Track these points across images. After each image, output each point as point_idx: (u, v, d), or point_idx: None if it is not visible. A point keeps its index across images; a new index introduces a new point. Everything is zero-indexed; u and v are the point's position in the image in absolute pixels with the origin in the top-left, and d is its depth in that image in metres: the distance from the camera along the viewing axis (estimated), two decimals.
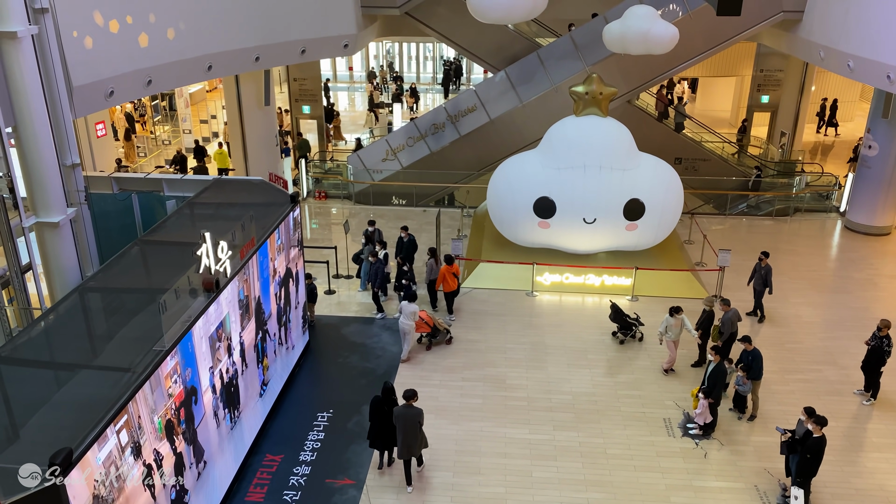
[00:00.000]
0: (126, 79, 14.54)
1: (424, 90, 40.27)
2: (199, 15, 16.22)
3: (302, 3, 18.50)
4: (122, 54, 14.32)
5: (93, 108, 13.89)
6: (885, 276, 18.09)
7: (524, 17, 18.92)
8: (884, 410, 12.83)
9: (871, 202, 20.50)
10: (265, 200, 13.81)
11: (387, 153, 22.99)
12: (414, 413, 10.78)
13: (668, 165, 17.61)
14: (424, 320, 14.47)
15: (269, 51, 18.32)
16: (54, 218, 10.90)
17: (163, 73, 15.58)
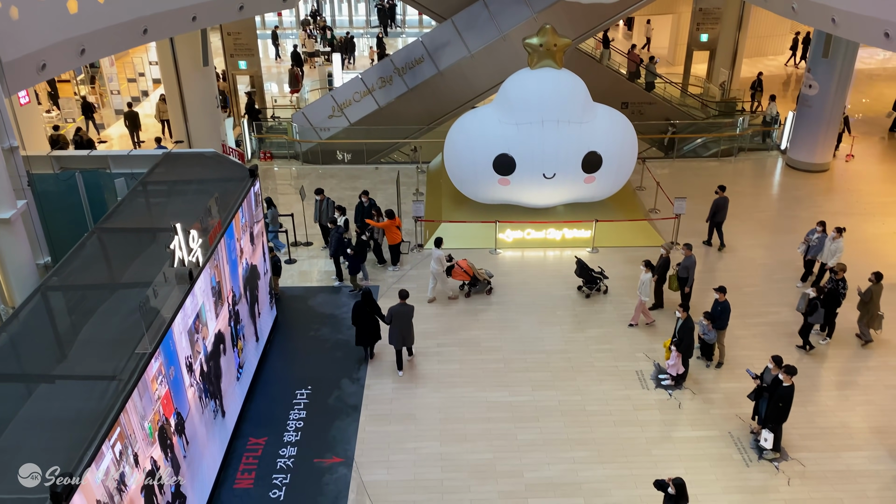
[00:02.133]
0: (58, 49, 13.47)
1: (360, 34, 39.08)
2: None
3: None
4: (51, 23, 13.22)
5: (25, 83, 12.86)
6: (829, 214, 18.78)
7: None
8: (839, 349, 13.54)
9: (811, 140, 21.15)
10: (222, 175, 13.23)
11: (333, 109, 22.29)
12: (408, 309, 12.78)
13: (622, 115, 17.68)
14: (464, 269, 14.92)
15: (205, 9, 17.24)
16: (4, 214, 10.17)
17: (96, 40, 14.49)
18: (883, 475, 10.68)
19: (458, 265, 15.10)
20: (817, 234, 15.19)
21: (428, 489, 10.54)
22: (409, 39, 38.39)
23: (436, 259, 14.85)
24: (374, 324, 13.05)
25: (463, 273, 15.08)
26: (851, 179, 20.94)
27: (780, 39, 33.87)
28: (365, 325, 13.00)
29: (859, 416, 11.88)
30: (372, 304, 13.00)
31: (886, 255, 16.77)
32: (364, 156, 22.39)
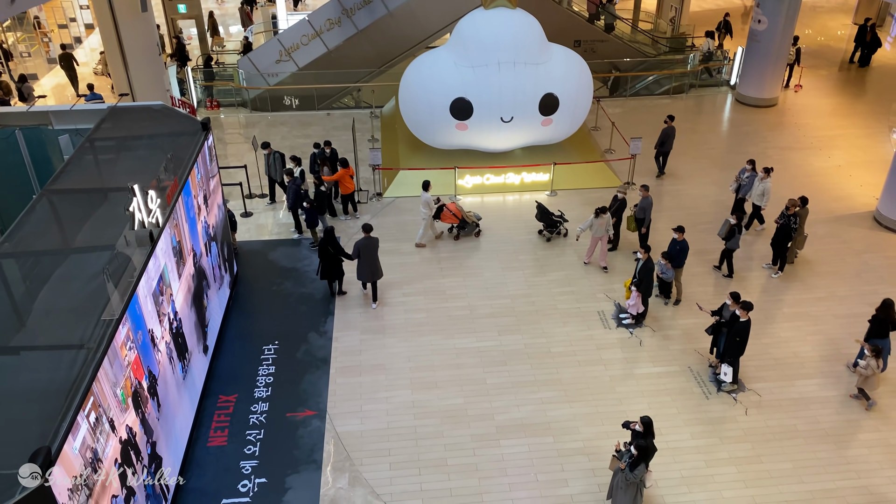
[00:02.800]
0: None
1: None
2: None
3: None
4: None
5: None
6: (778, 149, 19.29)
7: None
8: (790, 282, 14.06)
9: (759, 75, 21.46)
10: (173, 130, 12.78)
11: (280, 54, 21.58)
12: (373, 242, 13.08)
13: (577, 56, 17.58)
14: (453, 212, 14.96)
15: None
16: None
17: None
18: (832, 401, 11.29)
19: (446, 208, 15.21)
20: (747, 172, 15.44)
21: (402, 436, 10.74)
22: None
23: (424, 203, 14.87)
24: (337, 260, 13.38)
25: (452, 216, 15.24)
26: (799, 113, 21.39)
27: None
28: (329, 262, 13.30)
29: (810, 345, 12.46)
30: (334, 244, 13.17)
31: (832, 189, 17.34)
32: (315, 101, 21.85)
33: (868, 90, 23.11)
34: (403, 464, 10.30)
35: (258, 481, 10.09)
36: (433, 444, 10.59)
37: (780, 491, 9.83)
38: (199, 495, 9.88)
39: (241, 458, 10.43)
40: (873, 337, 11.40)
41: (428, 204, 14.91)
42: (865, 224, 15.95)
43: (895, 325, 11.39)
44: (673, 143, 17.73)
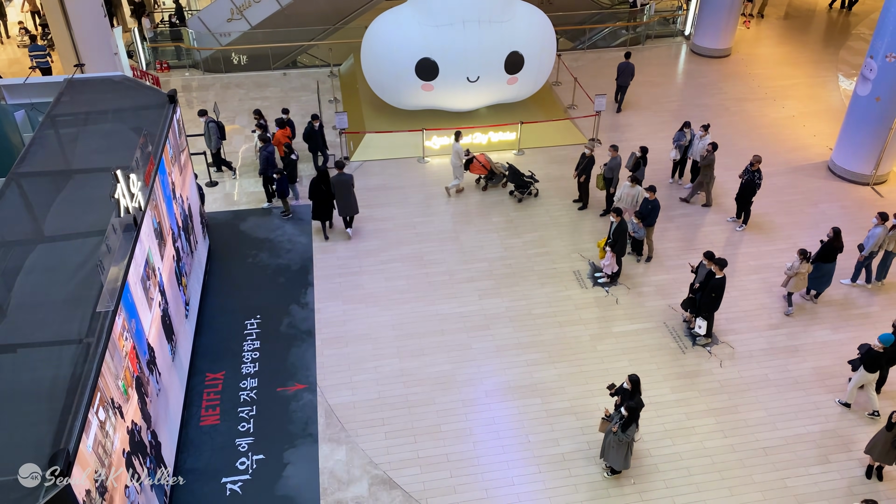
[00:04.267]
0: None
1: None
2: None
3: None
4: None
5: None
6: (734, 100, 19.73)
7: None
8: (754, 234, 14.62)
9: (714, 26, 21.73)
10: (138, 103, 12.32)
11: (231, 12, 20.79)
12: (347, 178, 13.84)
13: (540, 11, 17.50)
14: (482, 163, 15.29)
15: None
16: None
17: None
18: (801, 349, 11.94)
19: (476, 159, 15.51)
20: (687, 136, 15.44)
21: (394, 406, 10.95)
22: None
23: (455, 153, 15.28)
24: (330, 198, 13.98)
25: (481, 167, 15.57)
26: (753, 63, 21.83)
27: None
28: (322, 200, 13.93)
29: (775, 296, 13.07)
30: (327, 182, 13.83)
31: (787, 139, 17.90)
32: (270, 61, 21.23)
33: (816, 38, 23.65)
34: (398, 432, 10.54)
35: (256, 458, 10.21)
36: (425, 412, 10.84)
37: (757, 438, 10.46)
38: (198, 476, 9.95)
39: (236, 436, 10.51)
40: (819, 260, 12.44)
41: (458, 154, 15.27)
42: (820, 174, 16.59)
43: (840, 250, 12.48)
44: (630, 79, 18.73)
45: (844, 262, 13.11)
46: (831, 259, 12.53)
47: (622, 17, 23.59)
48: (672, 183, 15.99)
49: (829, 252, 12.49)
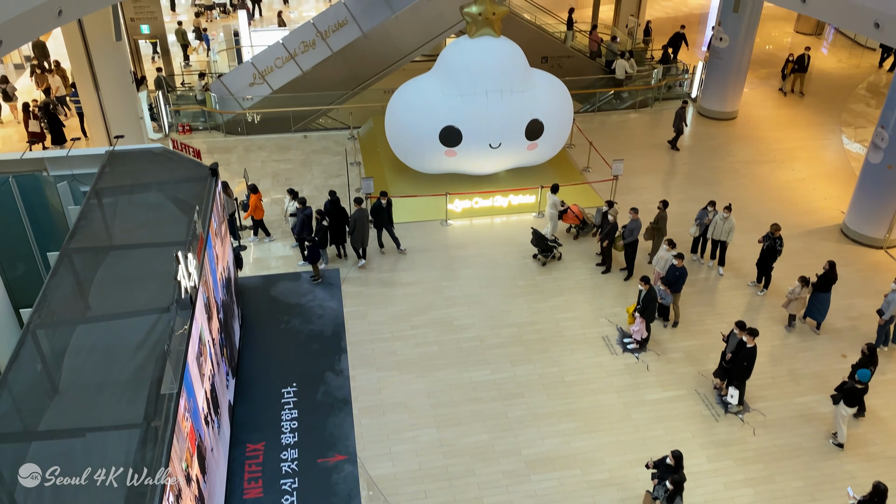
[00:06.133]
0: None
1: None
2: None
3: None
4: None
5: None
6: (744, 163, 20.27)
7: None
8: (776, 299, 14.92)
9: (721, 90, 22.44)
10: (180, 176, 12.64)
11: (254, 77, 21.36)
12: (364, 213, 15.29)
13: (558, 80, 18.10)
14: (575, 213, 16.24)
15: None
16: None
17: (11, 28, 13.19)
18: (829, 417, 12.14)
19: (570, 209, 16.38)
20: (710, 213, 15.53)
21: (435, 477, 11.04)
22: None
23: (551, 204, 16.38)
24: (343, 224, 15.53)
25: (574, 217, 16.41)
26: (758, 126, 22.47)
27: None
28: (336, 227, 15.45)
29: (801, 362, 13.32)
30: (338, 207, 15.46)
31: (798, 202, 18.38)
32: (291, 123, 21.73)
33: (817, 101, 24.36)
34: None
35: None
36: (467, 484, 10.93)
37: None
38: None
39: None
40: (817, 290, 13.71)
41: (555, 205, 16.31)
42: (834, 237, 17.02)
43: (834, 281, 13.70)
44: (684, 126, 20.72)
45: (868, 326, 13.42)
46: (827, 289, 13.71)
47: (630, 81, 24.30)
48: (694, 261, 16.16)
49: (826, 282, 13.64)
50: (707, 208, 15.63)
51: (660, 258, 14.39)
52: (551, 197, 16.44)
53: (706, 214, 15.58)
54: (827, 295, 13.79)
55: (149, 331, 8.88)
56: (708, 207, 15.63)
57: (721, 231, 15.33)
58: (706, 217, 15.56)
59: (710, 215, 15.50)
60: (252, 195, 16.06)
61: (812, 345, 13.75)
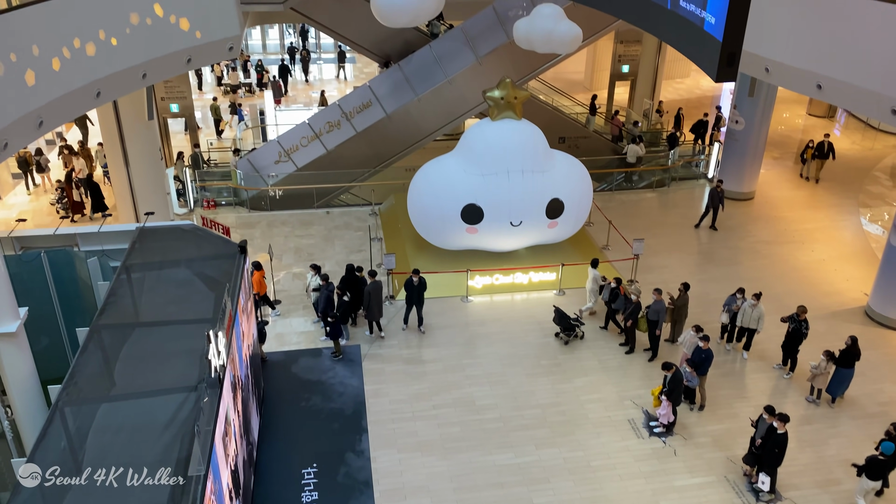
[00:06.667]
0: (18, 125, 12.62)
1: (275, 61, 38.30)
2: (82, 37, 14.31)
3: (183, 12, 16.78)
4: (10, 99, 12.39)
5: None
6: (763, 243, 20.33)
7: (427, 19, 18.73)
8: (802, 382, 14.70)
9: (738, 171, 22.72)
10: (208, 253, 12.84)
11: (279, 155, 21.91)
12: (378, 285, 15.59)
13: (577, 161, 18.42)
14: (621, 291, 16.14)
15: (154, 65, 16.51)
16: (9, 327, 9.43)
17: (52, 109, 13.65)
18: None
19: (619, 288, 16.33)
20: (739, 300, 15.37)
21: None
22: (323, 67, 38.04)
23: (592, 279, 16.60)
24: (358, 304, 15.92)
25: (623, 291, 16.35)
26: (776, 206, 22.63)
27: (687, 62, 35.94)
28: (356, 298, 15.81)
29: (833, 448, 13.01)
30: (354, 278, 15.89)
31: (820, 284, 18.31)
32: (314, 199, 22.12)
33: (832, 182, 24.56)
34: None
35: None
36: None
37: None
38: None
39: None
40: (840, 366, 13.75)
41: (595, 279, 16.54)
42: (858, 319, 16.87)
43: (857, 357, 13.78)
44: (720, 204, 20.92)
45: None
46: (850, 364, 13.77)
47: (647, 160, 24.71)
48: (724, 349, 15.86)
49: (849, 357, 13.73)
50: (736, 295, 15.44)
51: (686, 340, 14.28)
52: (592, 271, 16.63)
53: (735, 301, 15.38)
54: (850, 370, 13.86)
55: (176, 410, 8.87)
56: (737, 294, 15.44)
57: (750, 318, 15.11)
58: (735, 304, 15.37)
59: (739, 302, 15.30)
60: (255, 272, 16.00)
61: (843, 430, 13.45)
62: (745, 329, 15.42)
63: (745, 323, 15.22)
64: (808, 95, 17.53)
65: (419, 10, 16.30)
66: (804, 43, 15.29)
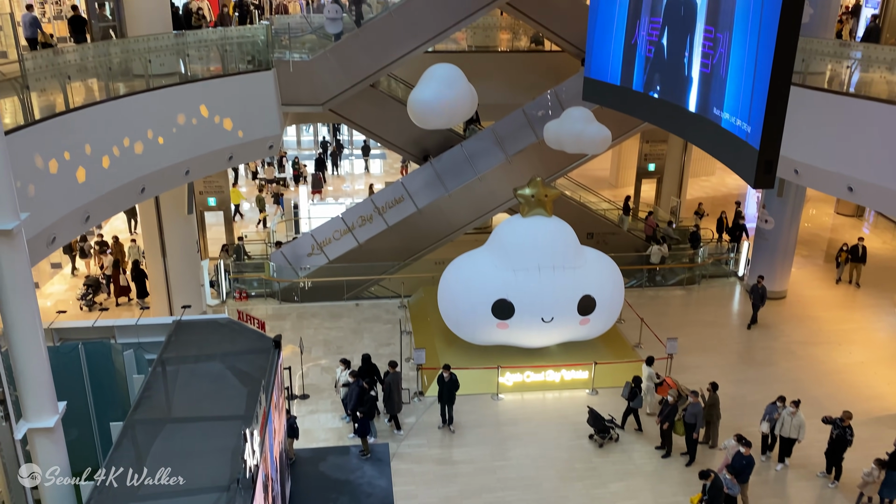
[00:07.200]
0: (66, 220, 13.09)
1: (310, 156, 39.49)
2: (132, 136, 14.98)
3: (227, 112, 17.55)
4: (61, 195, 12.90)
5: (34, 261, 12.34)
6: (798, 343, 19.96)
7: (461, 121, 19.45)
8: (848, 492, 14.08)
9: (769, 270, 22.54)
10: (243, 347, 12.91)
11: (312, 248, 22.25)
12: (397, 377, 15.62)
13: (608, 258, 18.50)
14: (670, 385, 15.96)
15: (197, 162, 17.17)
16: (48, 422, 9.45)
17: (99, 204, 14.19)
18: None
19: (665, 381, 16.25)
20: (779, 409, 14.90)
21: None
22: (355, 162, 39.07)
23: (647, 377, 16.47)
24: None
25: (668, 389, 16.05)
26: (809, 306, 22.34)
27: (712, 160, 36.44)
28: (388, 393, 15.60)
29: None
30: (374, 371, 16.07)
31: (860, 387, 17.80)
32: (343, 291, 22.30)
33: (865, 282, 24.26)
34: None
35: None
36: None
37: None
38: None
39: None
40: (890, 469, 13.22)
41: (651, 377, 16.45)
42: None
43: None
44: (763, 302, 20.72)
45: None
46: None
47: (677, 258, 24.71)
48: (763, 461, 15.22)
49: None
50: (776, 403, 14.94)
51: (730, 447, 13.80)
52: (647, 369, 16.50)
53: (776, 410, 14.87)
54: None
55: None
56: (777, 403, 14.93)
57: (790, 427, 14.55)
58: (776, 413, 14.87)
59: (780, 410, 14.81)
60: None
61: None
62: (785, 438, 14.87)
63: (786, 432, 14.65)
64: (838, 197, 17.62)
65: (453, 112, 16.91)
66: (833, 145, 15.50)
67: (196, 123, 16.65)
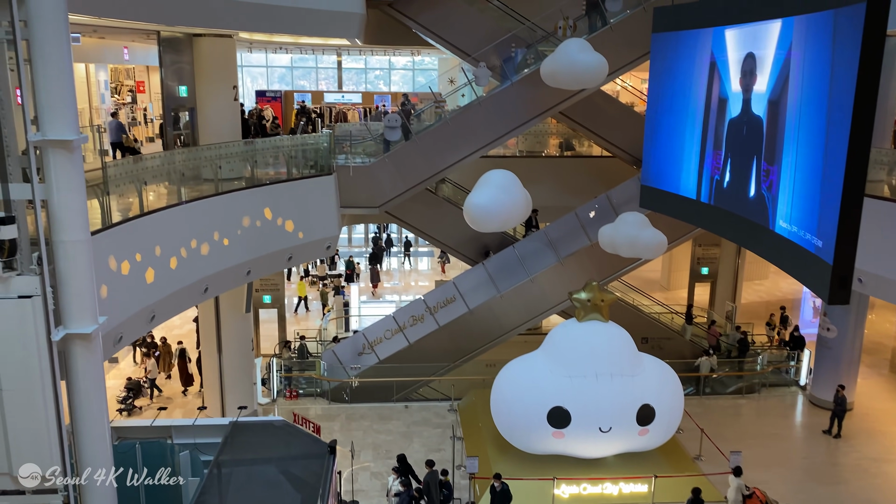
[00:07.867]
0: (133, 320, 13.43)
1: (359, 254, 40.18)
2: (199, 238, 15.51)
3: (289, 215, 18.13)
4: (131, 296, 13.29)
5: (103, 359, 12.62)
6: (871, 460, 18.88)
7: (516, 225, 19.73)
8: None
9: (833, 380, 21.66)
10: (298, 452, 12.79)
11: (363, 347, 22.31)
12: (435, 475, 15.60)
13: (667, 366, 18.03)
14: (760, 498, 15.54)
15: (259, 263, 17.63)
16: None
17: (164, 304, 14.55)
18: None
19: (755, 493, 15.67)
20: None
21: None
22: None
23: (735, 488, 15.82)
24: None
25: (758, 501, 15.61)
26: (878, 419, 21.27)
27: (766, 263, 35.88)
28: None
29: None
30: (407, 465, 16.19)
31: None
32: (393, 392, 22.11)
33: None
34: None
35: None
36: None
37: None
38: None
39: None
40: None
41: (740, 489, 15.79)
42: None
43: None
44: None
45: None
46: None
47: (734, 366, 24.01)
48: None
49: None
50: None
51: None
52: (735, 480, 15.81)
53: None
54: None
55: None
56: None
57: None
58: None
59: None
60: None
61: None
62: None
63: None
64: None
65: (508, 217, 17.23)
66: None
67: (260, 225, 17.21)
